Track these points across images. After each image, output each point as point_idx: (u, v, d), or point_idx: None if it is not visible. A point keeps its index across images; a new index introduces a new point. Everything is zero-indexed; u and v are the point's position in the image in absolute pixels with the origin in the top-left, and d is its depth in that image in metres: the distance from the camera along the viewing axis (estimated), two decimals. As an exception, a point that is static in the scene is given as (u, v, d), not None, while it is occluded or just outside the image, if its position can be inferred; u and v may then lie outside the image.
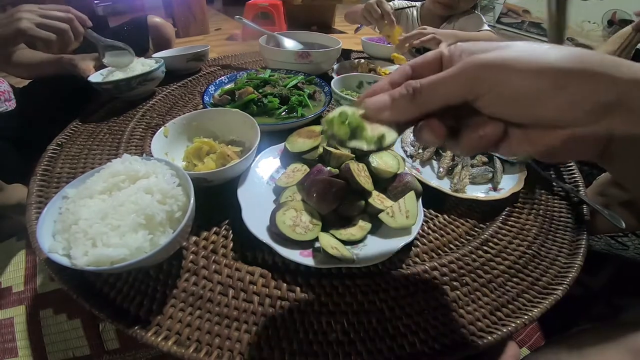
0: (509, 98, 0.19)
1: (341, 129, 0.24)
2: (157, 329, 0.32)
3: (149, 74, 0.66)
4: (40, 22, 0.56)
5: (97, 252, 0.29)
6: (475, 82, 0.20)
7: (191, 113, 0.51)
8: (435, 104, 0.21)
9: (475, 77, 0.20)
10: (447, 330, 0.34)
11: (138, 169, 0.35)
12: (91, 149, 0.57)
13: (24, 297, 0.88)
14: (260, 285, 0.37)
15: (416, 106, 0.22)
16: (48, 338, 0.82)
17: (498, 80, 0.19)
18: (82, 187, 0.35)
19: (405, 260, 0.40)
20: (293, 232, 0.36)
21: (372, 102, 0.23)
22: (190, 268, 0.38)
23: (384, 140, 0.23)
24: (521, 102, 0.19)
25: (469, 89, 0.20)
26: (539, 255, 0.43)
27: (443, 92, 0.21)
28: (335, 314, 0.35)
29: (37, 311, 0.86)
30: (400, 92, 0.22)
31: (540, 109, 0.19)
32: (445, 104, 0.21)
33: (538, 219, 0.49)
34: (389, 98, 0.23)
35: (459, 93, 0.20)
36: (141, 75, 0.65)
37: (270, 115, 0.59)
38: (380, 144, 0.23)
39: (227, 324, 0.33)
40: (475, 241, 0.44)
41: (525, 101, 0.19)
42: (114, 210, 0.31)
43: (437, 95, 0.21)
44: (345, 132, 0.24)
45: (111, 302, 0.35)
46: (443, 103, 0.21)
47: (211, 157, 0.44)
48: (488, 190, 0.50)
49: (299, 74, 0.71)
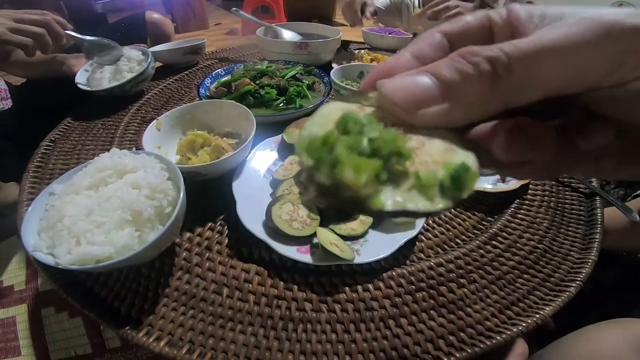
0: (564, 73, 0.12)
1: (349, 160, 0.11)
2: (149, 329, 0.31)
3: (141, 75, 0.65)
4: (14, 27, 0.55)
5: (81, 250, 0.27)
6: (624, 55, 0.11)
7: (185, 105, 0.49)
8: (540, 92, 0.12)
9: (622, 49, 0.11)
10: (453, 330, 0.32)
11: (126, 163, 0.33)
12: (84, 145, 0.56)
13: (25, 296, 0.88)
14: (256, 283, 0.35)
15: (501, 95, 0.12)
16: (50, 337, 0.82)
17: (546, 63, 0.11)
18: (69, 183, 0.33)
19: (409, 256, 0.38)
20: (289, 227, 0.34)
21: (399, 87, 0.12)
22: (183, 266, 0.36)
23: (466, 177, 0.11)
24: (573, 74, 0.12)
25: (614, 65, 0.11)
26: (551, 250, 0.41)
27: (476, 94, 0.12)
28: (335, 312, 0.33)
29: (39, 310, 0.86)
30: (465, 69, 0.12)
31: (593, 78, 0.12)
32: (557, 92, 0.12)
33: (549, 212, 0.47)
34: (433, 80, 0.12)
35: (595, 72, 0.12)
36: (133, 79, 0.63)
37: (268, 107, 0.57)
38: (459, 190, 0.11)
39: (221, 324, 0.32)
40: (483, 235, 0.42)
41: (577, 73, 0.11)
42: (99, 206, 0.29)
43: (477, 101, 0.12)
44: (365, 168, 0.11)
45: (102, 301, 0.34)
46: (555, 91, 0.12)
47: (205, 150, 0.42)
48: (496, 181, 0.48)
49: (297, 65, 0.69)
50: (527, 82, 0.12)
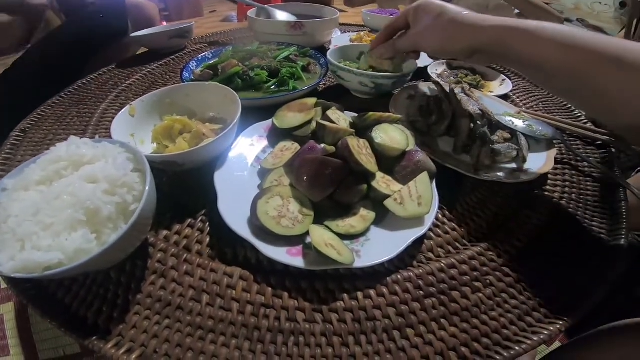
0: (430, 50, 0.45)
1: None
2: (119, 340, 0.28)
3: None
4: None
5: (25, 256, 0.23)
6: (415, 43, 0.44)
7: (163, 89, 0.44)
8: (404, 50, 0.47)
9: (415, 41, 0.44)
10: (466, 341, 0.28)
11: (83, 153, 0.28)
12: (56, 134, 0.51)
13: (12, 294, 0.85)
14: (241, 289, 0.30)
15: (395, 51, 0.48)
16: (38, 336, 0.80)
17: (424, 44, 0.43)
18: (20, 178, 0.29)
19: (417, 257, 0.34)
20: (278, 225, 0.30)
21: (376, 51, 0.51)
22: (157, 269, 0.32)
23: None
24: (436, 52, 0.45)
25: (414, 45, 0.45)
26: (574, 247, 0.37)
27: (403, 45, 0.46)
28: (332, 323, 0.29)
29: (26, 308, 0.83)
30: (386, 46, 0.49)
31: (443, 54, 0.48)
32: (409, 50, 0.47)
33: (571, 205, 0.42)
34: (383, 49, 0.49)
35: (410, 47, 0.46)
36: None
37: (258, 90, 0.51)
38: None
39: (200, 335, 0.28)
40: (500, 232, 0.37)
41: (436, 52, 0.45)
42: (47, 204, 0.25)
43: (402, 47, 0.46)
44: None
45: (66, 309, 0.30)
46: (407, 50, 0.47)
47: (184, 137, 0.37)
48: (512, 170, 0.43)
49: (291, 47, 0.63)
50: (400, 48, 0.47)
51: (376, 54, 0.50)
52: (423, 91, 0.54)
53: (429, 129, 0.48)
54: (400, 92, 0.54)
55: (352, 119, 0.41)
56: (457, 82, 0.62)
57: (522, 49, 0.34)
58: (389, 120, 0.40)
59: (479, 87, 0.62)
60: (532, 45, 0.33)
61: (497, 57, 0.38)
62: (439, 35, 0.40)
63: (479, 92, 0.57)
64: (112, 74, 0.68)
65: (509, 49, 0.35)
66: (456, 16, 0.38)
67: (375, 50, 0.50)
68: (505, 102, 0.56)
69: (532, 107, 0.61)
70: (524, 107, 0.60)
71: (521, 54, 0.34)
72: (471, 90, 0.52)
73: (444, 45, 0.40)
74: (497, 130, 0.47)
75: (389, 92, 0.53)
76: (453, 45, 0.39)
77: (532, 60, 0.34)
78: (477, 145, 0.43)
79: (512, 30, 0.34)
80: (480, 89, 0.62)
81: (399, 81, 0.52)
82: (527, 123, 0.48)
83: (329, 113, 0.40)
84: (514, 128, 0.47)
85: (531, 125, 0.48)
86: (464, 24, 0.37)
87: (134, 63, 0.72)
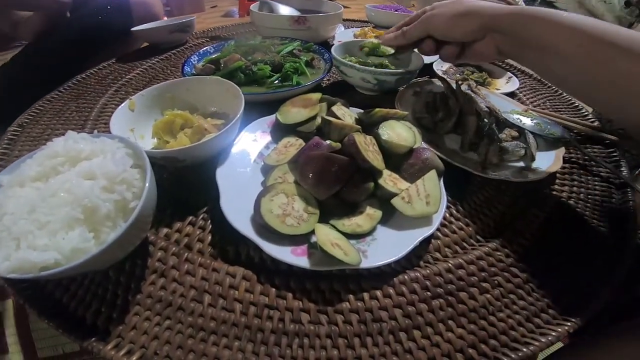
0: (440, 30, 0.42)
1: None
2: (119, 341, 0.27)
3: None
4: None
5: (20, 256, 0.22)
6: (426, 25, 0.43)
7: (164, 83, 0.43)
8: (412, 38, 0.45)
9: (427, 22, 0.43)
10: (474, 342, 0.28)
11: (81, 148, 0.27)
12: (54, 129, 0.50)
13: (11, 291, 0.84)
14: (243, 290, 0.30)
15: (403, 39, 0.46)
16: (37, 334, 0.79)
17: (434, 22, 0.42)
18: (16, 174, 0.28)
19: (424, 257, 0.33)
20: (282, 223, 0.29)
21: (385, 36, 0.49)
22: (157, 268, 0.31)
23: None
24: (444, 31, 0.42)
25: (425, 28, 0.43)
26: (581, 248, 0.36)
27: (414, 31, 0.45)
28: (337, 324, 0.28)
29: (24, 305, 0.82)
30: (397, 33, 0.47)
31: (452, 33, 0.42)
32: (418, 36, 0.45)
33: (579, 205, 0.41)
34: (393, 35, 0.48)
35: (421, 31, 0.44)
36: None
37: (261, 85, 0.50)
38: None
39: (202, 337, 0.27)
40: (507, 231, 0.36)
41: (446, 31, 0.42)
42: (43, 202, 0.24)
43: (411, 33, 0.45)
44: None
45: (64, 309, 0.29)
46: (416, 37, 0.45)
47: (185, 132, 0.36)
48: (520, 169, 0.42)
49: (295, 41, 0.62)
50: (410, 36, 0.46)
51: (385, 39, 0.48)
52: (429, 88, 0.53)
53: (435, 126, 0.47)
54: (406, 88, 0.53)
55: (357, 115, 0.40)
56: (464, 79, 0.61)
57: (543, 32, 0.34)
58: (396, 116, 0.39)
59: (485, 85, 0.61)
60: (553, 28, 0.33)
61: (514, 40, 0.37)
62: (450, 14, 0.40)
63: (485, 89, 0.56)
64: (112, 69, 0.67)
65: (530, 31, 0.35)
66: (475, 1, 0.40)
67: (384, 36, 0.49)
68: (512, 99, 0.55)
69: (539, 105, 0.60)
70: (530, 105, 0.59)
71: (541, 38, 0.34)
72: (477, 87, 0.51)
73: (457, 22, 0.40)
74: (505, 128, 0.46)
75: (392, 88, 0.52)
76: (466, 23, 0.39)
77: (551, 43, 0.34)
78: (484, 143, 0.42)
79: (534, 14, 0.35)
80: (487, 86, 0.61)
81: (402, 78, 0.51)
82: (535, 121, 0.47)
83: (334, 109, 0.39)
84: (522, 126, 0.46)
85: (539, 123, 0.47)
86: (482, 5, 0.39)
87: (134, 57, 0.71)
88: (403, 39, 0.46)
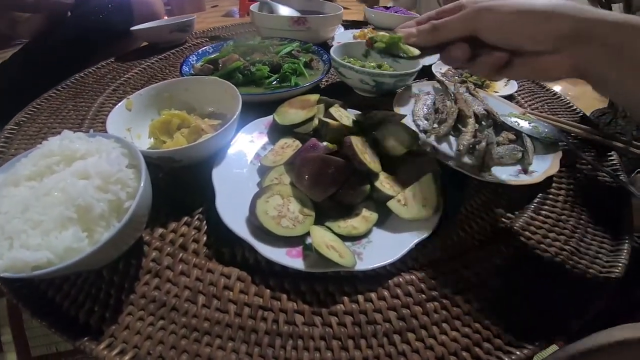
0: (496, 30, 0.29)
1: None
2: (111, 341, 0.27)
3: None
4: None
5: (13, 255, 0.22)
6: (473, 20, 0.29)
7: (162, 82, 0.43)
8: (447, 36, 0.31)
9: (474, 17, 0.29)
10: (468, 345, 0.28)
11: (76, 148, 0.27)
12: (51, 128, 0.50)
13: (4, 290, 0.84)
14: (238, 291, 0.30)
15: (433, 36, 0.32)
16: (30, 332, 0.79)
17: (489, 18, 0.29)
18: (10, 173, 0.28)
19: (419, 259, 0.33)
20: (277, 225, 0.29)
21: (403, 29, 0.34)
22: (151, 268, 0.31)
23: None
24: (504, 32, 0.29)
25: (469, 25, 0.30)
26: (578, 252, 0.36)
27: (452, 27, 0.31)
28: (331, 326, 0.28)
29: (19, 304, 0.82)
30: (424, 27, 0.32)
31: (517, 37, 0.28)
32: (455, 36, 0.31)
33: (575, 209, 0.41)
34: (415, 29, 0.33)
35: (463, 28, 0.30)
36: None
37: (259, 85, 0.50)
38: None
39: (196, 337, 0.27)
40: (504, 235, 0.36)
41: (507, 32, 0.29)
42: (37, 201, 0.24)
43: (448, 29, 0.31)
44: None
45: (57, 308, 0.29)
46: (453, 35, 0.31)
47: (182, 132, 0.36)
48: (517, 172, 0.42)
49: (294, 42, 0.62)
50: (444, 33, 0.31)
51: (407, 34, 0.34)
52: (427, 90, 0.53)
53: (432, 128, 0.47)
54: (404, 90, 0.53)
55: (355, 116, 0.40)
56: (462, 81, 0.61)
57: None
58: (394, 119, 0.39)
59: (483, 87, 0.62)
60: None
61: (613, 56, 0.27)
62: (517, 10, 0.28)
63: (483, 92, 0.56)
64: (110, 68, 0.67)
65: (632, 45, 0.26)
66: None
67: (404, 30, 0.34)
68: (510, 102, 0.55)
69: (537, 108, 0.60)
70: (528, 108, 0.59)
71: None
72: (476, 90, 0.51)
73: (532, 24, 0.27)
74: (502, 131, 0.46)
75: (390, 90, 0.52)
76: (547, 27, 0.27)
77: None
78: (481, 146, 0.42)
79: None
80: (485, 88, 0.61)
81: (401, 80, 0.51)
82: (532, 124, 0.47)
83: (331, 110, 0.39)
84: (519, 129, 0.46)
85: (537, 126, 0.47)
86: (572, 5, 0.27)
87: (132, 57, 0.71)
88: (432, 37, 0.32)
